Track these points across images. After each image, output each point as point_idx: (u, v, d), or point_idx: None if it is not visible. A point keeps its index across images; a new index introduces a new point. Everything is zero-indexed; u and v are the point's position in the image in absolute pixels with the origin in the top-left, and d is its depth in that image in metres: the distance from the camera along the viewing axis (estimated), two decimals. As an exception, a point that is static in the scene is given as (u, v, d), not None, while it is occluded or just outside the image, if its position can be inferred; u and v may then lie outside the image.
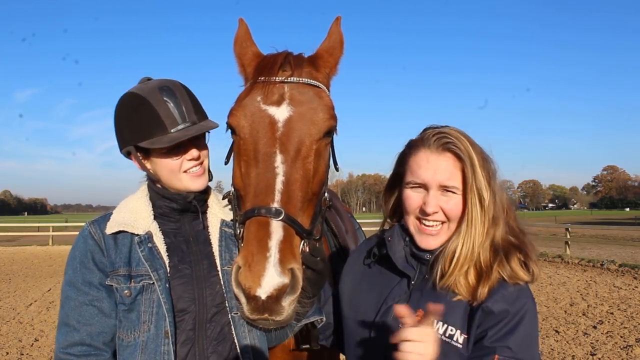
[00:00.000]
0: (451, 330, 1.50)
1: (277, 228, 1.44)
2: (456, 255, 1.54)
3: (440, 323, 1.51)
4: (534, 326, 1.50)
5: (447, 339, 1.49)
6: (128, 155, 1.84)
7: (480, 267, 1.53)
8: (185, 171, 1.79)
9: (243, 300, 1.40)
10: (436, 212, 1.57)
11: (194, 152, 1.78)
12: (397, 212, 1.78)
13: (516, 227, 1.64)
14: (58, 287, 13.09)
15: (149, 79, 1.86)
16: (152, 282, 1.70)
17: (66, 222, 41.20)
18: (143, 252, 1.73)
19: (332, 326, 1.91)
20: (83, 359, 1.69)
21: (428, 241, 1.61)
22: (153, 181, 1.86)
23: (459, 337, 1.49)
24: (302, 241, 1.53)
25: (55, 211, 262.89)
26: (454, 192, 1.56)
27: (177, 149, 1.77)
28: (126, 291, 1.69)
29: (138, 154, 1.80)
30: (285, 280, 1.37)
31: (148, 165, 1.82)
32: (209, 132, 1.90)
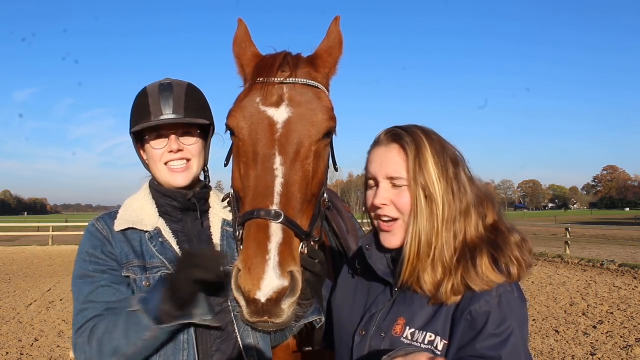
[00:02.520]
0: (430, 336, 1.43)
1: (276, 231, 1.43)
2: (405, 252, 1.49)
3: (420, 331, 1.45)
4: (523, 332, 1.40)
5: (426, 346, 1.42)
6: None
7: (445, 265, 1.45)
8: (166, 163, 1.83)
9: (243, 303, 1.40)
10: (385, 205, 1.55)
11: (173, 145, 1.81)
12: None
13: (496, 223, 1.54)
14: (58, 287, 13.11)
15: (168, 79, 1.92)
16: (170, 271, 1.70)
17: (66, 222, 41.26)
18: (156, 247, 1.76)
19: (326, 328, 1.90)
20: (97, 317, 1.65)
21: (386, 239, 1.58)
22: (155, 180, 1.90)
23: (439, 344, 1.42)
24: (302, 243, 1.53)
25: (55, 211, 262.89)
26: (403, 185, 1.52)
27: (161, 140, 1.83)
28: (145, 281, 1.71)
29: (137, 143, 1.90)
30: (285, 283, 1.37)
31: (144, 156, 1.90)
32: (205, 132, 1.91)
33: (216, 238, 1.88)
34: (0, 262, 19.11)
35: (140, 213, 1.82)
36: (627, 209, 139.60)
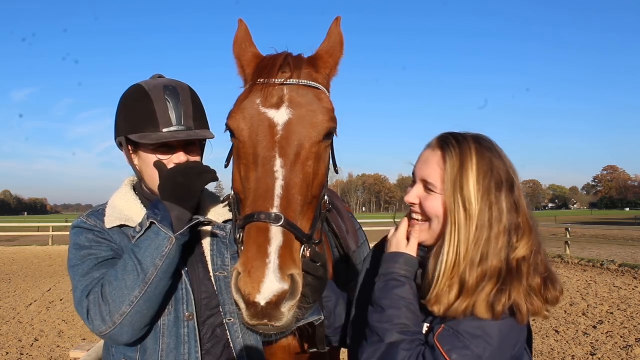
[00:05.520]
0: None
1: (276, 234, 1.42)
2: (442, 262, 1.47)
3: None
4: (500, 328, 1.40)
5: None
6: (120, 146, 1.83)
7: (462, 284, 1.43)
8: None
9: (242, 306, 1.40)
10: (414, 203, 1.59)
11: (181, 157, 1.75)
12: None
13: (523, 260, 1.46)
14: (58, 287, 13.11)
15: (161, 76, 1.86)
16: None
17: (66, 222, 41.09)
18: None
19: (341, 327, 1.91)
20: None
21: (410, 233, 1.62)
22: (141, 184, 1.84)
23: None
24: (303, 246, 1.52)
25: (55, 211, 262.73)
26: (434, 191, 1.54)
27: (165, 150, 1.75)
28: None
29: (129, 147, 1.79)
30: (285, 286, 1.36)
31: (135, 161, 1.81)
32: (203, 142, 1.89)
33: (206, 243, 1.85)
34: (0, 262, 19.08)
35: (128, 212, 1.79)
36: (627, 209, 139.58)
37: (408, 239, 1.60)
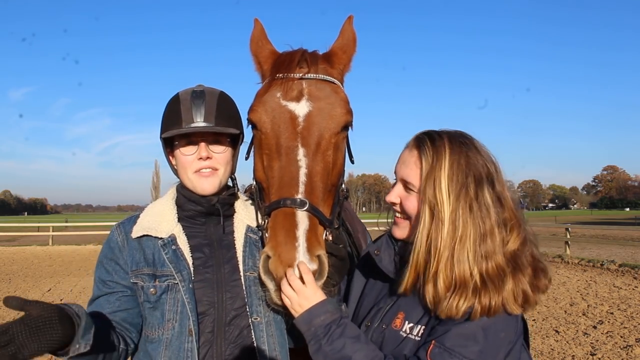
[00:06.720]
0: (410, 324, 1.53)
1: (302, 218, 1.52)
2: (411, 257, 1.50)
3: (416, 324, 1.51)
4: (487, 332, 1.40)
5: (419, 338, 1.49)
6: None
7: (450, 281, 1.42)
8: (196, 171, 1.82)
9: (272, 287, 1.50)
10: (394, 203, 1.62)
11: (202, 152, 1.80)
12: None
13: (516, 253, 1.47)
14: (58, 287, 13.13)
15: (200, 86, 1.92)
16: (176, 282, 1.73)
17: (66, 222, 41.11)
18: (167, 255, 1.77)
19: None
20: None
21: (394, 230, 1.67)
22: (182, 185, 1.90)
23: (416, 330, 1.51)
24: (325, 230, 1.61)
25: (55, 211, 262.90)
26: (413, 190, 1.56)
27: (191, 147, 1.82)
28: (152, 289, 1.74)
29: (167, 149, 1.91)
30: (314, 266, 1.47)
31: (173, 162, 1.91)
32: (235, 140, 1.90)
33: (239, 244, 1.87)
34: (0, 262, 19.08)
35: (159, 218, 1.84)
36: (627, 209, 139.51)
37: (301, 279, 1.49)
